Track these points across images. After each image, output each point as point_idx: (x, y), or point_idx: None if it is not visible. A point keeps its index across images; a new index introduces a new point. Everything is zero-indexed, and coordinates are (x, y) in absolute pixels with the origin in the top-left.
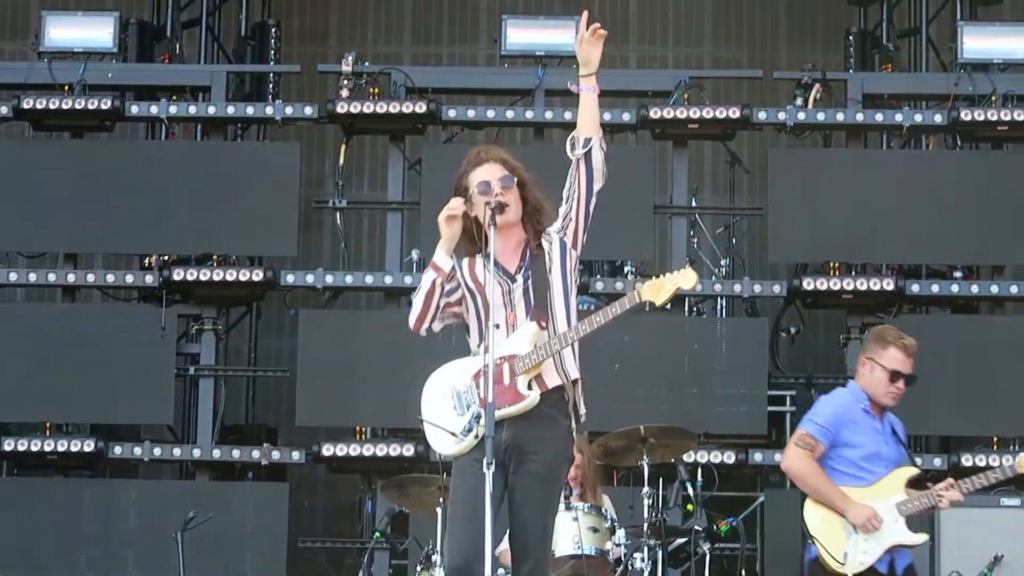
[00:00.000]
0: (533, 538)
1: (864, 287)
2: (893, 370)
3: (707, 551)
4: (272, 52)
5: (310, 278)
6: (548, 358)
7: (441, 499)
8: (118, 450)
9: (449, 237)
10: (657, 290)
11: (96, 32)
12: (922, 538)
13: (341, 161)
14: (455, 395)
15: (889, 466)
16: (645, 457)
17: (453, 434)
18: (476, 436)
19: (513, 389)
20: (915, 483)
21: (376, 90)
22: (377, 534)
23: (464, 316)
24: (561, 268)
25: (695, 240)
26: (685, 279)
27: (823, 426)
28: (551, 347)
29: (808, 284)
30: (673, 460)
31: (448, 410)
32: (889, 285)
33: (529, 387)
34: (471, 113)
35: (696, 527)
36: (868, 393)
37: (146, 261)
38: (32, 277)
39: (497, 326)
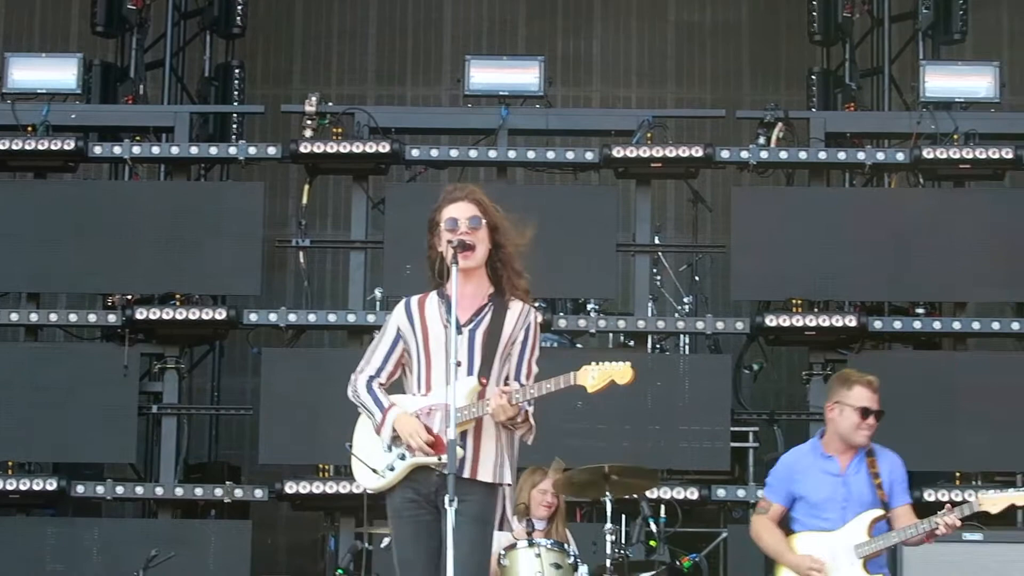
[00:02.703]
0: None
1: (827, 324)
2: (862, 407)
3: None
4: (236, 93)
5: (273, 317)
6: (473, 420)
7: None
8: (81, 489)
9: (407, 436)
10: (591, 378)
11: (60, 73)
12: None
13: (304, 200)
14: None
15: (854, 507)
16: (608, 493)
17: (374, 470)
18: (393, 472)
19: (440, 440)
20: (902, 517)
21: (339, 130)
22: (340, 571)
23: (406, 362)
24: (510, 338)
25: (658, 278)
26: (622, 375)
27: (770, 485)
28: (482, 407)
29: (771, 321)
30: (636, 496)
31: (377, 444)
32: (852, 322)
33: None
34: (434, 153)
35: (659, 563)
36: (840, 436)
37: (109, 300)
38: None
39: (459, 364)
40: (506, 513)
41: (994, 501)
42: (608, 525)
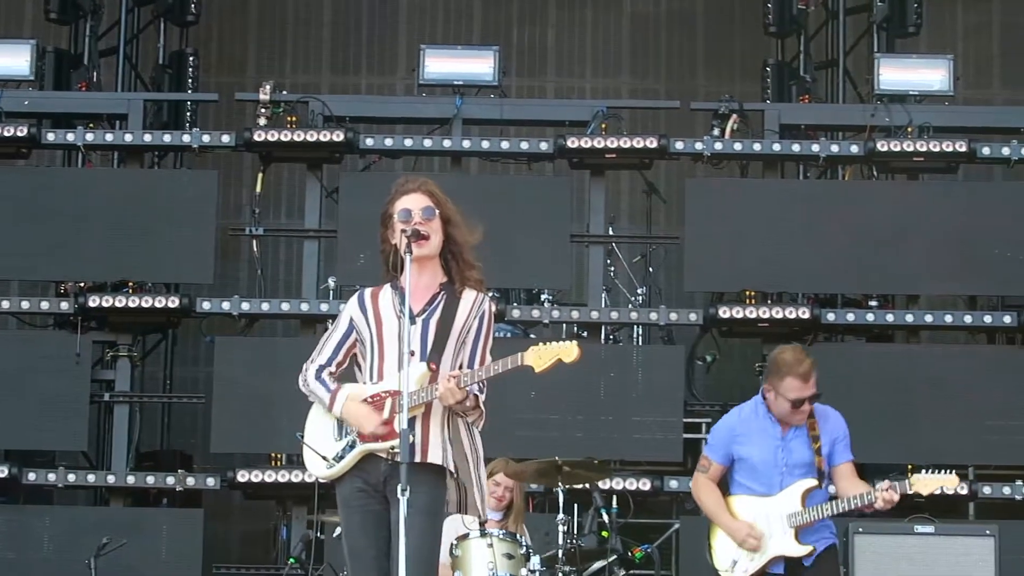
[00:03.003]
0: (416, 568)
1: (780, 316)
2: (793, 399)
3: None
4: (190, 81)
5: (226, 305)
6: (422, 404)
7: None
8: (32, 476)
9: (358, 421)
10: (538, 357)
11: (13, 60)
12: (804, 550)
13: (258, 189)
14: (338, 420)
15: (793, 472)
16: (560, 484)
17: (325, 458)
18: (344, 460)
19: (389, 425)
20: (844, 476)
21: (294, 119)
22: (292, 560)
23: (360, 352)
24: (464, 326)
25: (612, 268)
26: (567, 352)
27: (711, 444)
28: (432, 391)
29: (724, 313)
30: (588, 487)
31: (328, 433)
32: (805, 314)
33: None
34: (389, 142)
35: (611, 554)
36: (777, 414)
37: (62, 288)
38: None
39: (412, 353)
40: (474, 500)
41: (926, 482)
42: (560, 516)
